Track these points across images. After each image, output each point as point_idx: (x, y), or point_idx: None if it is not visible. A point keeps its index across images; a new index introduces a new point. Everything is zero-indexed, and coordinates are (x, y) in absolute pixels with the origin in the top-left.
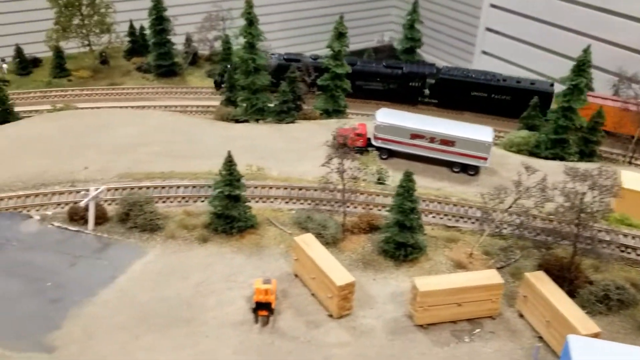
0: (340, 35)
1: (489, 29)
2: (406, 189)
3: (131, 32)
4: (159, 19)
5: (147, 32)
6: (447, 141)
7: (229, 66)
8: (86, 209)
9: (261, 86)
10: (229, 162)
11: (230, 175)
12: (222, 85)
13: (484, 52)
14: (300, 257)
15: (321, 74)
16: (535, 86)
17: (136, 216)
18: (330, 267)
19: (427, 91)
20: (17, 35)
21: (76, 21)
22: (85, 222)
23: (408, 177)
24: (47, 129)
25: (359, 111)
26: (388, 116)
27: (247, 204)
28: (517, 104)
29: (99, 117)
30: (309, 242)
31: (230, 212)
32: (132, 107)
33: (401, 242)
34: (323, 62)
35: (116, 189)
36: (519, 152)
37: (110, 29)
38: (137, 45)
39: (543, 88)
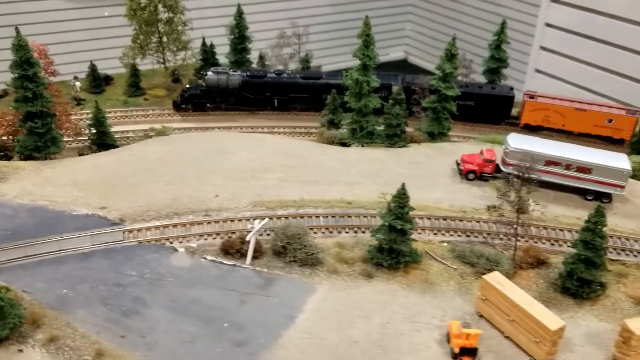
0: (452, 56)
1: (543, 48)
2: (596, 224)
3: (204, 49)
4: (241, 38)
5: (216, 49)
6: (584, 168)
7: (191, 85)
8: (242, 241)
9: (370, 109)
10: (402, 195)
11: (402, 208)
12: (183, 106)
13: (538, 71)
14: (491, 297)
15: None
16: (496, 91)
17: (295, 250)
18: (537, 310)
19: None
20: (88, 52)
21: (154, 39)
22: (241, 255)
23: (599, 212)
24: (163, 153)
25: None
26: (521, 141)
27: (411, 237)
28: (480, 109)
29: (210, 141)
30: (502, 282)
31: (398, 247)
32: (220, 127)
33: (585, 279)
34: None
35: (262, 218)
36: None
37: (186, 47)
38: (208, 62)
39: (503, 92)
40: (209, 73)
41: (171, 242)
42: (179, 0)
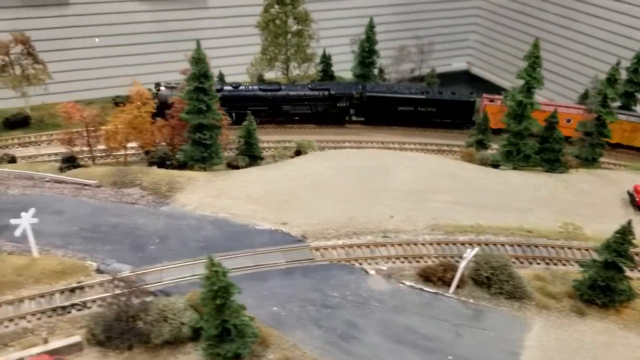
0: (614, 81)
1: None
2: None
3: (323, 61)
4: (370, 52)
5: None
6: None
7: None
8: (445, 268)
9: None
10: (627, 231)
11: (624, 244)
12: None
13: None
14: None
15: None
16: (456, 97)
17: (501, 281)
18: None
19: (352, 111)
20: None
21: (283, 50)
22: (443, 283)
23: None
24: (323, 169)
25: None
26: None
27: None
28: (442, 115)
29: (368, 159)
30: None
31: (615, 285)
32: (350, 142)
33: None
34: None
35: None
36: None
37: (311, 59)
38: (327, 74)
39: (465, 98)
40: (162, 88)
41: (360, 264)
42: (309, 12)
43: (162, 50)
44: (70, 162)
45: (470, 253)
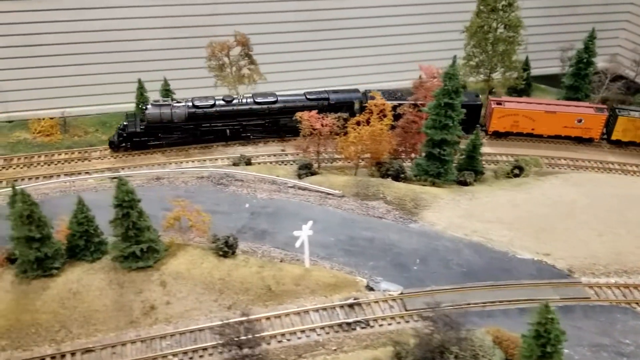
0: None
1: None
2: None
3: (524, 68)
4: (587, 64)
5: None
6: None
7: (128, 120)
8: None
9: None
10: None
11: None
12: (122, 145)
13: None
14: None
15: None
16: (463, 100)
17: None
18: None
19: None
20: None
21: (489, 57)
22: None
23: None
24: (575, 196)
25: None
26: None
27: None
28: None
29: (617, 186)
30: None
31: None
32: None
33: None
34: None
35: None
36: None
37: (516, 66)
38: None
39: (471, 101)
40: (149, 107)
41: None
42: (521, 19)
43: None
44: (307, 168)
45: None
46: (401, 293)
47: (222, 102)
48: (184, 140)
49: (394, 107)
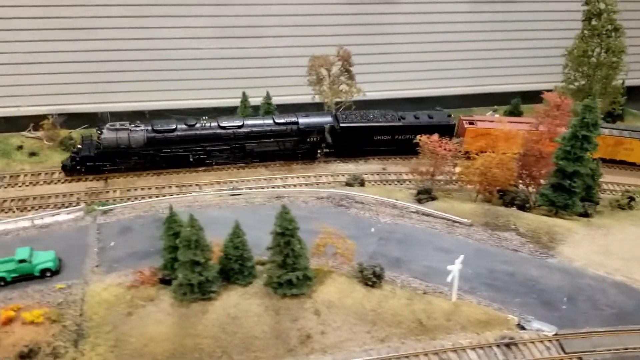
0: None
1: None
2: None
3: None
4: None
5: None
6: None
7: (83, 144)
8: None
9: None
10: None
11: None
12: (78, 168)
13: None
14: None
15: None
16: (435, 120)
17: None
18: None
19: (323, 144)
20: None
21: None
22: None
23: None
24: None
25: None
26: None
27: None
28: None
29: None
30: None
31: None
32: None
33: None
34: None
35: None
36: None
37: (618, 92)
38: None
39: (444, 121)
40: (104, 131)
41: None
42: (624, 45)
43: None
44: (427, 193)
45: None
46: (556, 334)
47: (184, 127)
48: (143, 166)
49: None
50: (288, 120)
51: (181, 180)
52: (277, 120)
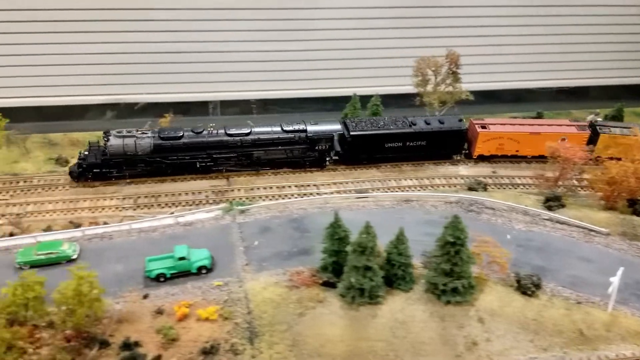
0: None
1: None
2: None
3: None
4: None
5: None
6: None
7: (90, 150)
8: None
9: None
10: None
11: None
12: (83, 176)
13: None
14: None
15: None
16: (446, 126)
17: None
18: None
19: (332, 152)
20: None
21: None
22: None
23: None
24: None
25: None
26: None
27: None
28: (432, 147)
29: None
30: None
31: None
32: None
33: None
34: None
35: None
36: None
37: None
38: None
39: (455, 126)
40: (111, 138)
41: None
42: None
43: None
44: (557, 200)
45: None
46: None
47: (191, 134)
48: (150, 173)
49: None
50: (296, 128)
51: (298, 180)
52: (285, 128)
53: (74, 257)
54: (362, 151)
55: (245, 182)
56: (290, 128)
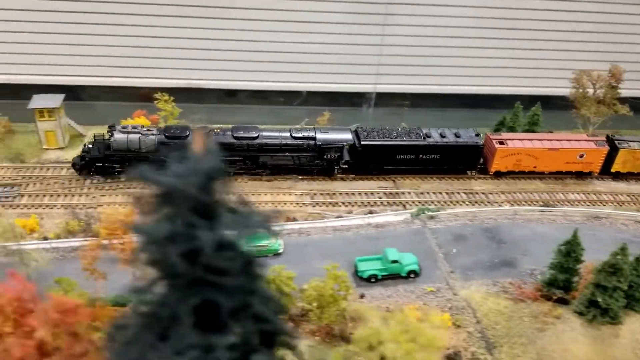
0: None
1: None
2: None
3: None
4: None
5: None
6: None
7: (94, 143)
8: None
9: None
10: None
11: None
12: (85, 169)
13: None
14: None
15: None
16: (461, 140)
17: None
18: None
19: (342, 161)
20: None
21: None
22: None
23: None
24: None
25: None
26: None
27: None
28: (446, 161)
29: None
30: None
31: None
32: None
33: None
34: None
35: None
36: None
37: None
38: None
39: (471, 141)
40: (116, 133)
41: None
42: None
43: None
44: None
45: None
46: None
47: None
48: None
49: None
50: (305, 135)
51: (464, 186)
52: (294, 135)
53: (280, 250)
54: (372, 161)
55: (410, 186)
56: (300, 135)
